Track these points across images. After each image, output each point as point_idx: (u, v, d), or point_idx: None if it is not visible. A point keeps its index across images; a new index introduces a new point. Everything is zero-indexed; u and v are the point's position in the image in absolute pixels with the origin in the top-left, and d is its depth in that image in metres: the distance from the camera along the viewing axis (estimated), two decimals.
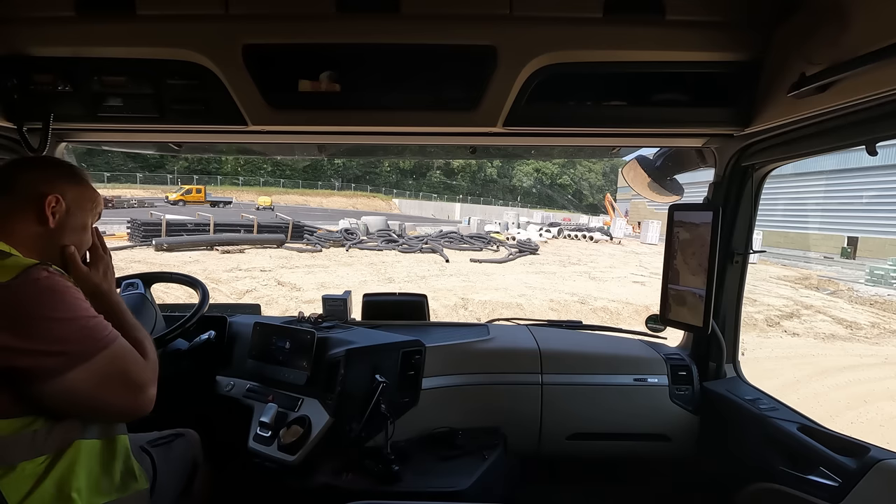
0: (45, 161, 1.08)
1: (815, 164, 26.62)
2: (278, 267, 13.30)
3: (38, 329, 0.83)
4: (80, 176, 1.08)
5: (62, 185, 1.02)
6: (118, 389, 0.92)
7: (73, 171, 1.07)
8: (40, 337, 0.83)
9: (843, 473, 1.19)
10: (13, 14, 1.24)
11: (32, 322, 0.83)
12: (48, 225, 0.99)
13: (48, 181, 1.01)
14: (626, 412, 1.79)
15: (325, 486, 1.38)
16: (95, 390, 0.89)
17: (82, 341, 0.88)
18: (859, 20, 0.94)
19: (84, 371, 0.87)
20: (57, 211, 1.00)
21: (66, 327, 0.86)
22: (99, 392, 0.89)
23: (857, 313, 11.31)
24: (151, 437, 1.31)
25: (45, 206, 0.98)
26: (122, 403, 0.94)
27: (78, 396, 0.87)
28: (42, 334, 0.84)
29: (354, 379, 1.46)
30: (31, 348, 0.82)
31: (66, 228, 1.03)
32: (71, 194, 1.03)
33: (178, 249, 15.40)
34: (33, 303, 0.84)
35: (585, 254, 20.59)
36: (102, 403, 0.91)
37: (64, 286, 0.89)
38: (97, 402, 0.90)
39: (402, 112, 1.33)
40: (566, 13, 1.20)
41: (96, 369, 0.88)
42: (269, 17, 1.23)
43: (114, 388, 0.92)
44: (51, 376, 0.84)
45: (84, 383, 0.87)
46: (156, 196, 36.25)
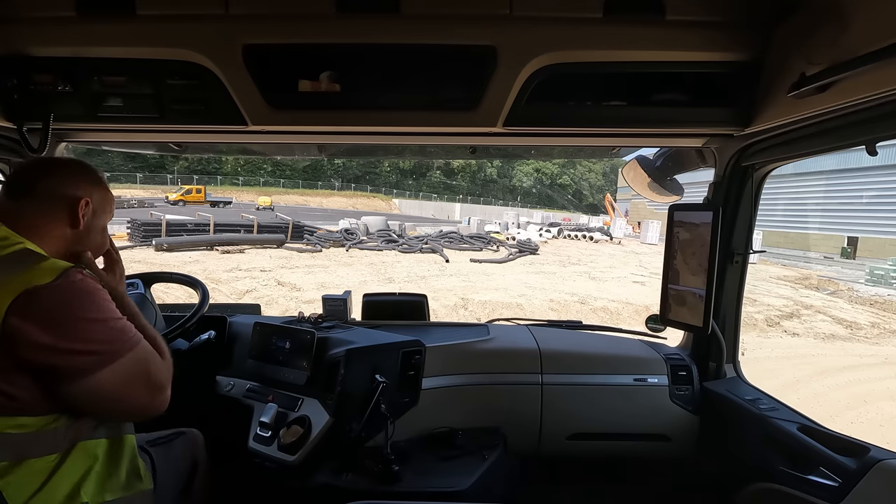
0: (68, 164, 1.08)
1: (815, 164, 26.61)
2: (278, 267, 13.30)
3: (74, 329, 0.87)
4: (101, 178, 1.11)
5: (90, 189, 1.05)
6: (140, 389, 0.96)
7: (95, 173, 1.10)
8: (76, 337, 0.87)
9: (843, 473, 1.19)
10: (13, 14, 1.24)
11: (70, 322, 0.87)
12: (79, 227, 1.02)
13: (77, 184, 1.04)
14: (626, 412, 1.79)
15: (325, 486, 1.38)
16: (121, 389, 0.93)
17: (112, 342, 0.92)
18: (859, 20, 0.94)
19: (112, 371, 0.90)
20: (86, 214, 1.03)
21: (99, 328, 0.90)
22: (124, 391, 0.93)
23: (857, 313, 11.31)
24: (151, 436, 1.32)
25: (78, 209, 1.01)
26: (143, 403, 0.97)
27: (103, 395, 0.91)
28: (78, 334, 0.87)
29: (354, 379, 1.46)
30: (67, 347, 0.85)
31: (91, 230, 1.06)
32: (96, 197, 1.06)
33: (178, 249, 15.39)
34: (71, 304, 0.88)
35: (585, 254, 20.59)
36: (125, 402, 0.95)
37: (96, 288, 0.93)
38: (120, 401, 0.94)
39: (402, 112, 1.33)
40: (566, 13, 1.20)
41: (123, 369, 0.92)
42: (269, 17, 1.23)
43: (137, 388, 0.95)
44: (82, 375, 0.87)
45: (110, 383, 0.90)
46: (156, 196, 36.24)
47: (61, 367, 0.86)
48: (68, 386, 0.87)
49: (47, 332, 0.84)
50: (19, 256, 0.90)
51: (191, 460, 1.37)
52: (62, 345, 0.85)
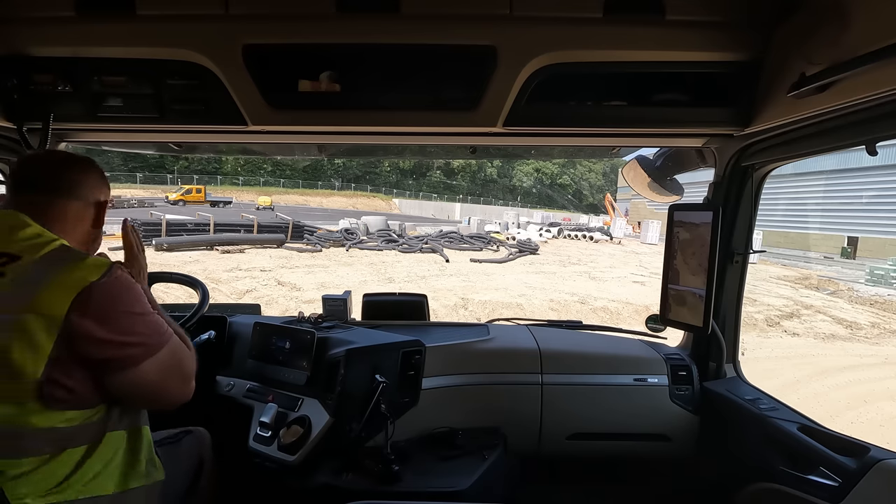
0: (88, 163, 1.12)
1: (815, 164, 26.60)
2: (278, 267, 13.30)
3: (123, 323, 0.92)
4: (104, 175, 1.15)
5: (105, 190, 1.12)
6: (176, 378, 1.02)
7: (100, 170, 1.14)
8: (124, 330, 0.92)
9: (843, 473, 1.19)
10: (13, 14, 1.24)
11: (119, 316, 0.92)
12: (100, 227, 1.11)
13: (100, 187, 1.10)
14: (626, 412, 1.79)
15: (325, 486, 1.38)
16: (160, 379, 0.98)
17: (153, 334, 0.97)
18: (859, 20, 0.94)
19: (153, 362, 0.96)
20: (104, 212, 1.11)
21: (142, 321, 0.96)
22: (162, 380, 0.99)
23: (857, 313, 11.31)
24: (159, 435, 1.32)
25: (103, 211, 1.10)
26: (177, 392, 1.03)
27: (146, 385, 0.96)
28: (126, 328, 0.92)
29: (354, 379, 1.46)
30: (118, 340, 0.91)
31: (101, 225, 1.13)
32: (106, 194, 1.13)
33: (178, 249, 15.39)
34: (120, 298, 0.93)
35: (585, 254, 20.58)
36: (162, 391, 1.00)
37: (136, 283, 0.99)
38: (159, 390, 0.99)
39: (402, 112, 1.33)
40: (566, 13, 1.20)
41: (162, 360, 0.97)
42: (269, 17, 1.22)
43: (173, 378, 1.02)
44: (129, 366, 0.93)
45: (152, 373, 0.96)
46: (156, 196, 36.25)
47: (112, 360, 0.91)
48: (116, 377, 0.92)
49: (102, 326, 0.89)
50: (62, 254, 0.93)
51: (197, 458, 1.38)
52: (114, 338, 0.90)
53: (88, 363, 0.89)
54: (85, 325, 0.87)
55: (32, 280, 0.87)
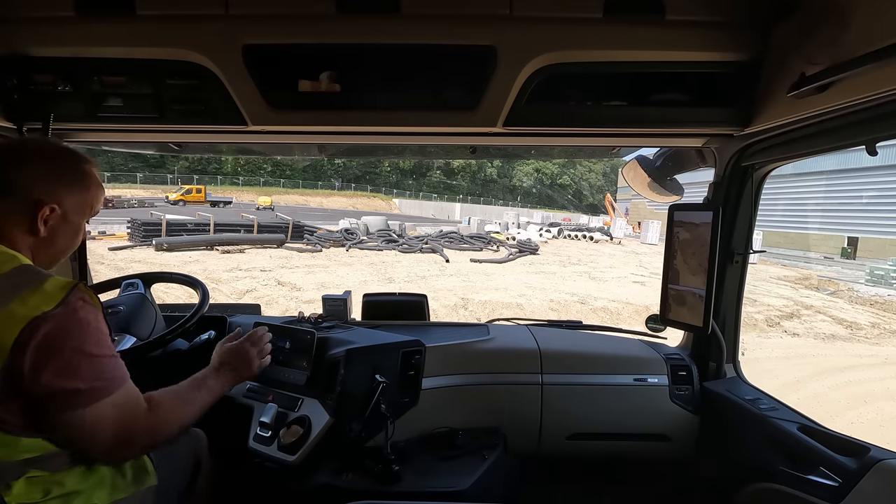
0: (49, 155, 0.97)
1: (815, 164, 26.60)
2: (278, 267, 13.30)
3: (68, 361, 0.84)
4: (84, 175, 1.01)
5: (63, 192, 0.96)
6: (112, 434, 0.89)
7: (78, 171, 1.00)
8: (67, 371, 0.84)
9: (843, 473, 1.19)
10: (13, 14, 1.24)
11: (65, 353, 0.84)
12: (38, 235, 0.94)
13: (48, 187, 0.94)
14: (626, 412, 1.79)
15: (325, 486, 1.38)
16: (93, 432, 0.87)
17: (99, 380, 0.88)
18: (859, 20, 0.94)
19: (93, 411, 0.86)
20: (51, 219, 0.95)
21: (90, 364, 0.86)
22: (95, 434, 0.88)
23: (857, 313, 11.31)
24: None
25: (37, 217, 0.93)
26: (109, 449, 0.91)
27: (78, 431, 0.86)
28: (70, 368, 0.84)
29: (354, 379, 1.46)
30: (55, 382, 0.82)
31: (59, 235, 0.98)
32: (70, 200, 0.97)
33: (178, 249, 15.40)
34: (70, 333, 0.84)
35: (585, 254, 20.59)
36: (95, 444, 0.89)
37: (96, 318, 0.89)
38: (91, 442, 0.89)
39: (402, 112, 1.33)
40: (566, 13, 1.20)
41: (101, 412, 0.87)
42: (269, 17, 1.22)
43: (109, 432, 0.89)
44: (63, 409, 0.84)
45: (87, 422, 0.86)
46: (156, 196, 36.28)
47: (48, 400, 0.83)
48: (53, 416, 0.84)
49: (42, 364, 0.81)
50: (18, 278, 0.85)
51: (194, 459, 1.37)
52: (51, 379, 0.82)
53: (27, 399, 0.82)
54: (24, 361, 0.80)
55: None
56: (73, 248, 1.05)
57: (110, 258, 13.11)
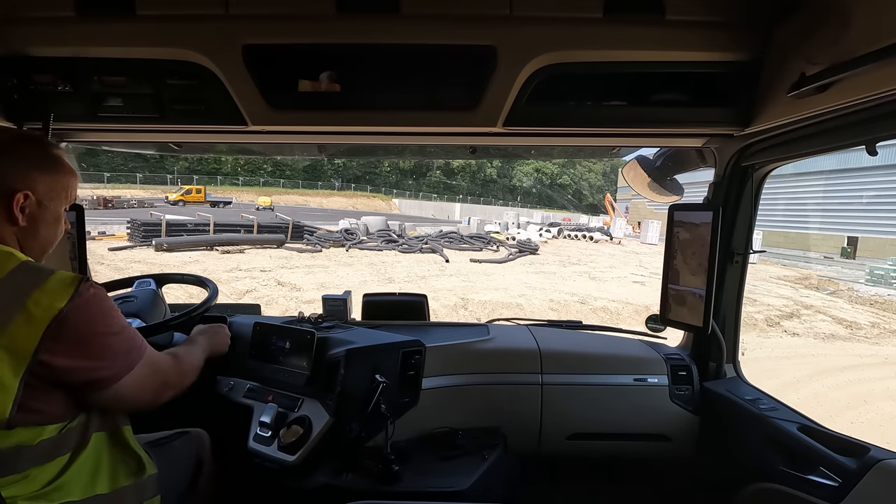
0: (16, 142, 0.98)
1: (815, 164, 26.62)
2: (278, 267, 13.30)
3: (99, 346, 0.92)
4: (56, 160, 1.01)
5: (34, 177, 0.95)
6: (159, 386, 1.06)
7: (46, 154, 1.00)
8: (100, 354, 0.92)
9: (843, 473, 1.19)
10: (13, 14, 1.24)
11: (95, 339, 0.91)
12: (18, 224, 0.94)
13: (19, 174, 0.94)
14: (626, 412, 1.79)
15: (325, 486, 1.38)
16: (138, 391, 1.00)
17: (129, 352, 0.98)
18: (859, 20, 0.94)
19: (132, 377, 0.97)
20: (27, 207, 0.95)
21: (117, 341, 0.95)
22: (140, 392, 1.00)
23: (857, 313, 11.31)
24: (156, 436, 1.32)
25: (13, 205, 0.93)
26: (151, 399, 1.05)
27: (126, 398, 0.98)
28: (102, 351, 0.92)
29: (354, 379, 1.46)
30: (92, 365, 0.90)
31: (40, 223, 0.98)
32: (43, 186, 0.97)
33: (178, 249, 15.39)
34: (94, 321, 0.91)
35: (585, 254, 20.59)
36: (140, 400, 1.02)
37: (107, 299, 0.95)
38: (137, 400, 1.01)
39: (402, 112, 1.33)
40: (566, 13, 1.20)
41: (139, 374, 0.99)
42: (269, 17, 1.22)
43: (156, 385, 1.05)
44: (106, 386, 0.93)
45: (130, 387, 0.97)
46: (156, 196, 36.29)
47: (89, 382, 0.91)
48: (95, 395, 0.93)
49: (76, 354, 0.88)
50: (23, 275, 0.86)
51: (195, 459, 1.37)
52: (89, 364, 0.90)
53: (65, 387, 0.90)
54: (58, 358, 0.85)
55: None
56: (56, 237, 1.05)
57: (110, 258, 13.11)
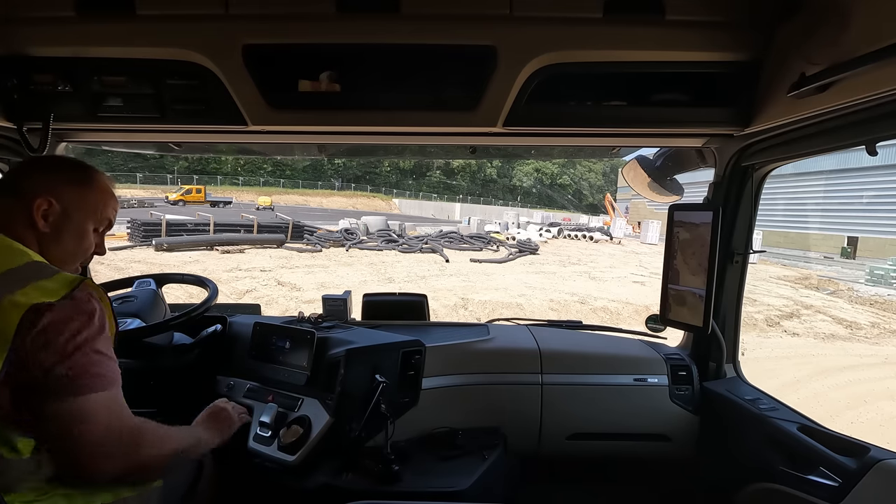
0: (53, 162, 1.06)
1: (815, 164, 26.61)
2: (278, 267, 13.30)
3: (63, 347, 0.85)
4: (89, 178, 1.06)
5: (60, 188, 1.00)
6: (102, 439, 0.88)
7: (80, 173, 1.05)
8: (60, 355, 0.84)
9: (843, 473, 1.19)
10: (13, 14, 1.24)
11: (62, 340, 0.85)
12: (37, 229, 0.97)
13: (47, 184, 1.00)
14: (625, 412, 1.79)
15: (325, 486, 1.38)
16: (73, 426, 0.85)
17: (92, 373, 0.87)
18: (859, 20, 0.94)
19: (82, 402, 0.86)
20: (49, 214, 0.98)
21: (85, 355, 0.87)
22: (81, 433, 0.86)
23: (857, 313, 11.31)
24: None
25: (33, 209, 0.97)
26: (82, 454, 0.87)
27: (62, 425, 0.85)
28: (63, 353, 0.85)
29: (354, 379, 1.46)
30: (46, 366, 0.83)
31: (63, 232, 1.01)
32: (69, 197, 1.01)
33: (178, 249, 15.39)
34: (69, 323, 0.86)
35: (585, 254, 20.59)
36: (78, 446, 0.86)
37: (101, 315, 0.91)
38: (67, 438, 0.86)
39: (402, 112, 1.33)
40: (566, 13, 1.20)
41: (90, 408, 0.86)
42: (269, 17, 1.22)
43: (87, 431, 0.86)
44: (51, 395, 0.84)
45: (73, 415, 0.85)
46: (156, 196, 36.25)
47: (42, 384, 0.84)
48: (43, 405, 0.84)
49: (41, 349, 0.83)
50: (27, 272, 0.88)
51: (197, 460, 1.37)
52: (48, 363, 0.83)
53: (18, 386, 0.83)
54: (24, 347, 0.82)
55: None
56: (79, 251, 1.06)
57: (110, 258, 13.09)
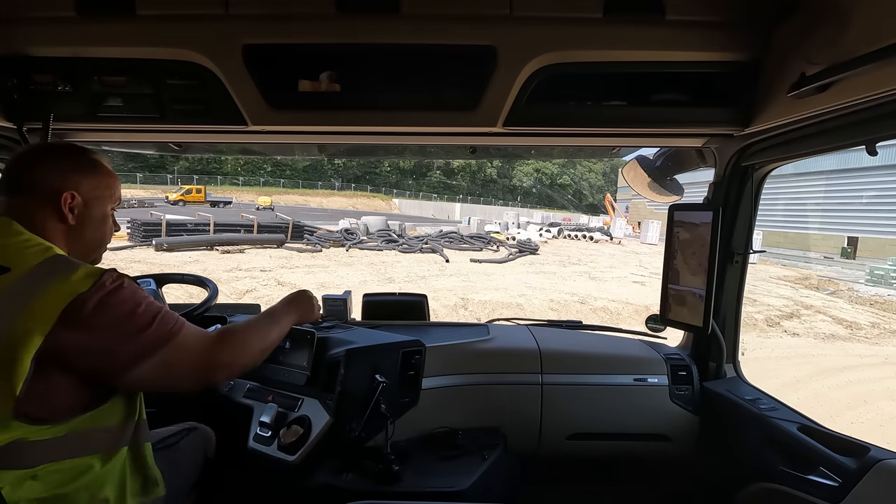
0: (56, 150, 1.04)
1: (815, 164, 26.64)
2: (278, 267, 13.30)
3: (117, 330, 0.88)
4: (94, 162, 1.05)
5: (76, 178, 1.00)
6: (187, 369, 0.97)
7: (86, 158, 1.05)
8: (116, 338, 0.88)
9: (843, 473, 1.19)
10: (13, 14, 1.24)
11: (112, 323, 0.88)
12: (67, 223, 0.99)
13: (62, 175, 0.99)
14: (625, 412, 1.79)
15: (325, 486, 1.38)
16: (165, 375, 0.94)
17: (151, 335, 0.91)
18: (859, 20, 0.94)
19: (156, 360, 0.91)
20: (75, 207, 0.99)
21: (134, 325, 0.90)
22: (168, 376, 0.95)
23: (857, 313, 11.31)
24: (163, 432, 1.32)
25: (61, 204, 0.98)
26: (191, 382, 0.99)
27: (152, 383, 0.94)
28: (118, 335, 0.88)
29: (354, 379, 1.46)
30: (110, 347, 0.87)
31: (88, 222, 1.03)
32: (86, 186, 1.02)
33: (178, 249, 15.39)
34: (108, 307, 0.87)
35: (585, 254, 20.59)
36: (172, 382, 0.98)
37: (132, 285, 0.94)
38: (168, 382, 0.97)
39: (402, 112, 1.33)
40: (566, 13, 1.20)
41: (165, 357, 0.93)
42: (269, 17, 1.22)
43: (182, 370, 0.97)
44: (123, 370, 0.89)
45: (156, 370, 0.92)
46: (156, 196, 36.26)
47: (104, 369, 0.88)
48: (116, 381, 0.91)
49: (92, 337, 0.85)
50: (53, 265, 0.88)
51: (202, 456, 1.38)
52: (102, 348, 0.87)
53: (78, 373, 0.86)
54: (72, 339, 0.83)
55: (22, 294, 0.83)
56: (104, 236, 1.09)
57: (110, 258, 13.05)
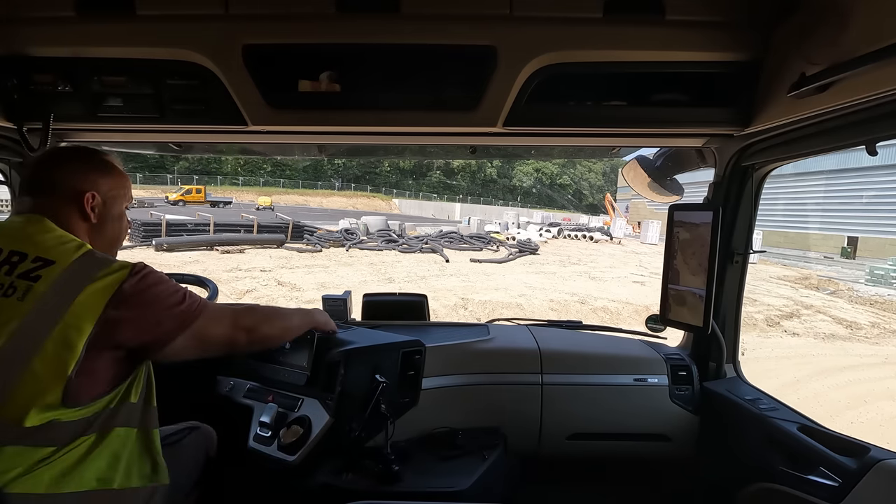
0: (75, 153, 1.11)
1: (815, 164, 26.65)
2: (278, 267, 13.30)
3: (155, 308, 0.97)
4: (110, 164, 1.13)
5: (95, 179, 1.09)
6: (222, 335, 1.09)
7: (102, 160, 1.12)
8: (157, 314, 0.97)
9: (843, 473, 1.19)
10: (13, 14, 1.25)
11: (151, 303, 0.97)
12: (90, 221, 1.07)
13: (83, 176, 1.07)
14: (626, 412, 1.79)
15: (325, 486, 1.38)
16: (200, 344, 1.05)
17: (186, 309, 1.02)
18: (859, 20, 0.94)
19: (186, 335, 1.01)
20: (95, 206, 1.07)
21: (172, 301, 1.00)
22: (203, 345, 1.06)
23: (857, 313, 11.31)
24: (165, 430, 1.31)
25: (84, 204, 1.06)
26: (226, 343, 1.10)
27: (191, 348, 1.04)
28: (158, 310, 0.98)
29: (354, 379, 1.46)
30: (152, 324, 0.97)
31: (108, 220, 1.11)
32: (104, 186, 1.10)
33: (178, 249, 15.39)
34: (146, 289, 0.97)
35: (585, 254, 20.59)
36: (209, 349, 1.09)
37: (159, 274, 1.03)
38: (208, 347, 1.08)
39: (402, 112, 1.33)
40: (566, 13, 1.21)
41: (197, 330, 1.03)
42: (269, 17, 1.23)
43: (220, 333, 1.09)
44: (165, 343, 0.99)
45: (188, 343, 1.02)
46: (156, 196, 36.25)
47: (149, 342, 0.97)
48: (155, 354, 1.00)
49: (138, 314, 0.94)
50: (91, 259, 0.96)
51: (204, 455, 1.38)
52: (148, 323, 0.96)
53: (126, 349, 0.95)
54: (121, 315, 0.92)
55: (69, 285, 0.90)
56: (121, 232, 1.17)
57: None
